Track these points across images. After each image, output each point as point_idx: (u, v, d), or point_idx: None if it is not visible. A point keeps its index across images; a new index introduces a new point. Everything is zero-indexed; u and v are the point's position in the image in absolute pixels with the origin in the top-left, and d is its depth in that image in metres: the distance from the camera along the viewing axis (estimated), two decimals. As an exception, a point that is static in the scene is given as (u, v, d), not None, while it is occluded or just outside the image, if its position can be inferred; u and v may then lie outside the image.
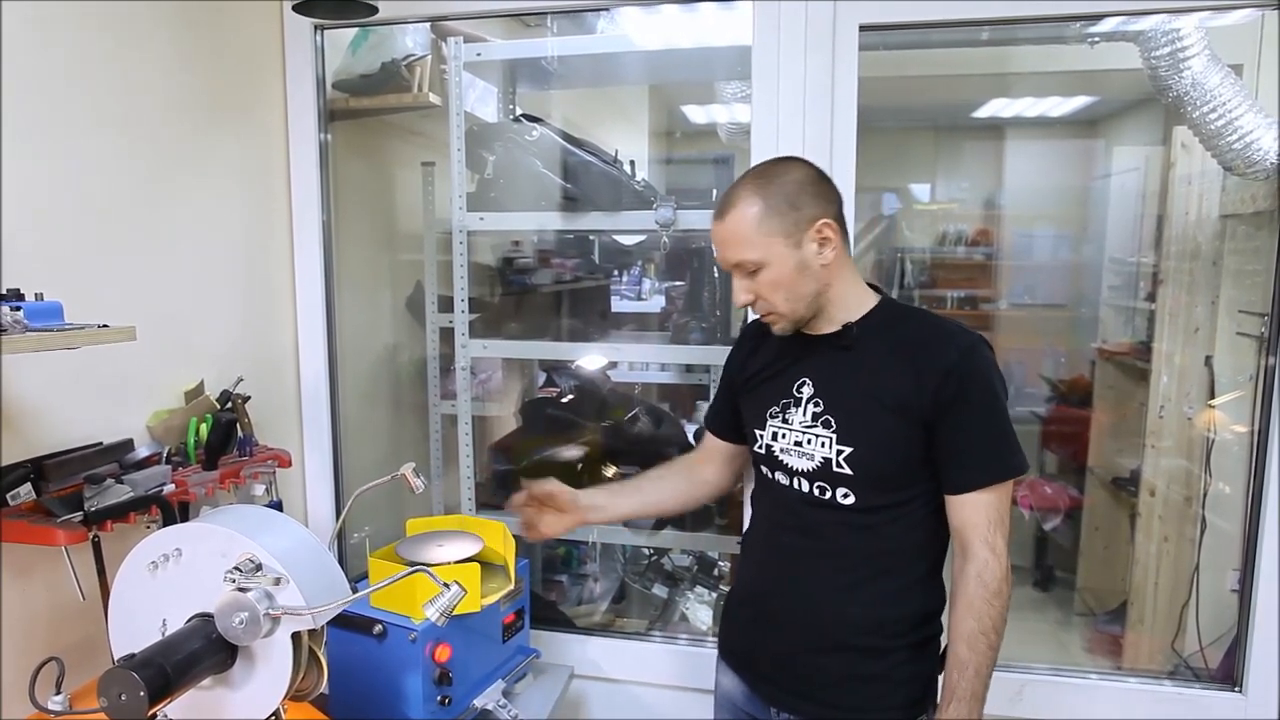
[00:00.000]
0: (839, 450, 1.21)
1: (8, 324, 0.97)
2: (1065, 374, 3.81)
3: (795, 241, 1.18)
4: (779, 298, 1.21)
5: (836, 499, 1.23)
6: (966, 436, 1.18)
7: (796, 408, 1.27)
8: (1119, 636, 2.63)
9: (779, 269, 1.19)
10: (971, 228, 4.72)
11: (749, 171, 1.24)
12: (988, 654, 1.17)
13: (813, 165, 1.25)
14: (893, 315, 1.26)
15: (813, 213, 1.19)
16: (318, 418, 1.91)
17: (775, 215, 1.18)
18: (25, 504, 1.18)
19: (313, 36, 1.82)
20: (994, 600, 1.16)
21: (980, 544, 1.17)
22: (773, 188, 1.19)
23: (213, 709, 1.01)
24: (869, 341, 1.23)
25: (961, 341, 1.19)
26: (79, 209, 1.33)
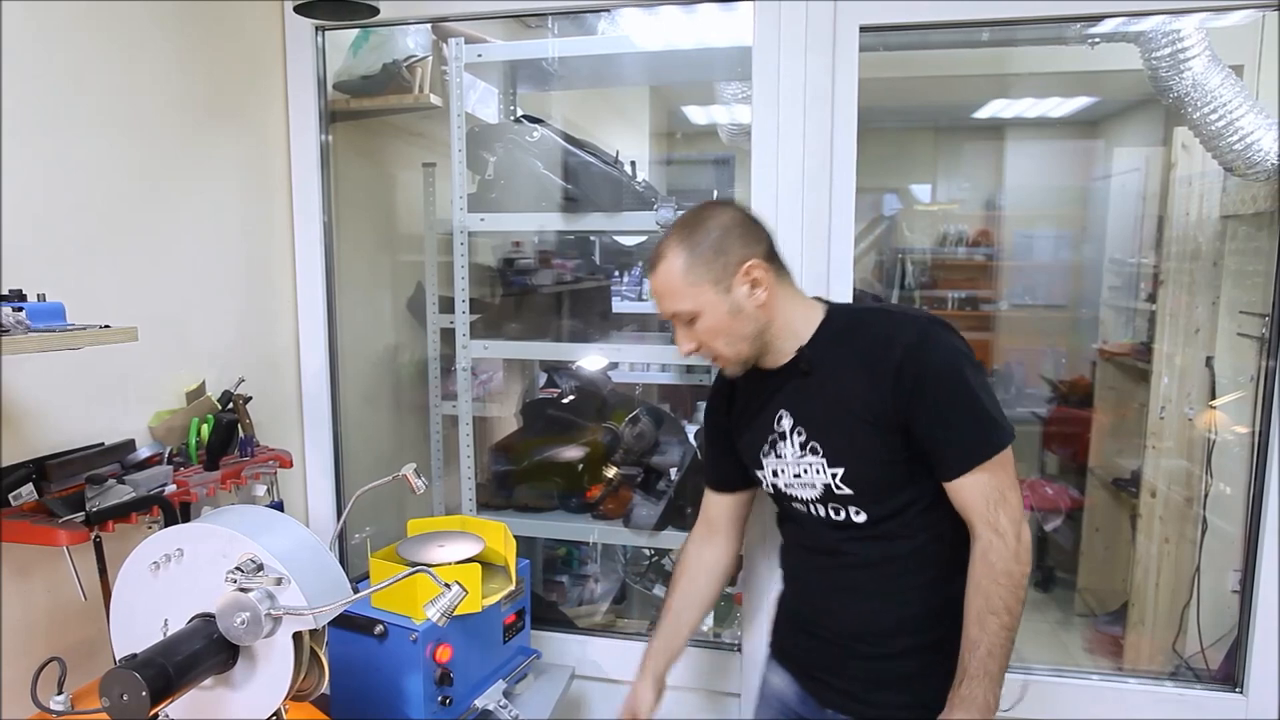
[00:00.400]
0: (833, 473, 1.22)
1: (10, 325, 0.97)
2: (1066, 375, 3.81)
3: (725, 287, 1.19)
4: (720, 343, 1.23)
5: (851, 518, 1.24)
6: (939, 424, 1.16)
7: (784, 441, 1.28)
8: (1119, 637, 2.63)
9: (713, 316, 1.20)
10: (972, 228, 4.73)
11: (676, 222, 1.26)
12: (1000, 634, 1.15)
13: (738, 207, 1.26)
14: (841, 326, 1.26)
15: (739, 256, 1.19)
16: (319, 418, 1.92)
17: (701, 264, 1.19)
18: (27, 504, 1.18)
19: (314, 37, 1.82)
20: (1001, 579, 1.14)
21: (982, 525, 1.17)
22: (697, 236, 1.20)
23: (214, 709, 1.01)
24: (825, 360, 1.23)
25: (906, 334, 1.18)
26: (81, 210, 1.33)
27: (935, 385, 1.16)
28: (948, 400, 1.16)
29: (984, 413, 1.16)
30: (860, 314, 1.30)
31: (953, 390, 1.16)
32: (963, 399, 1.16)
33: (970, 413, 1.16)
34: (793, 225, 1.63)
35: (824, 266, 1.64)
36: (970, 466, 1.16)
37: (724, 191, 2.05)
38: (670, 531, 1.98)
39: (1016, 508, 1.17)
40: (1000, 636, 1.15)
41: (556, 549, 2.36)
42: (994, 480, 1.16)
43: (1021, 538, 1.16)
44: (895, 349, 1.17)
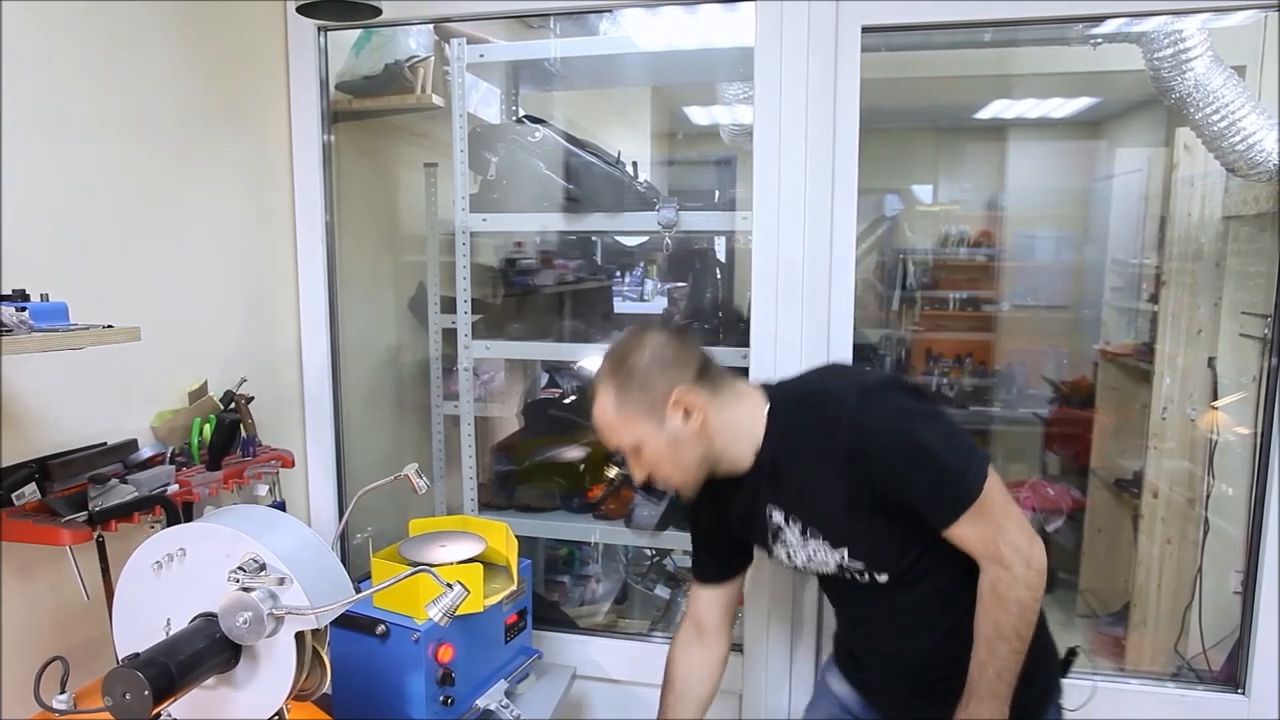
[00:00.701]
0: (839, 553, 1.23)
1: (13, 324, 0.97)
2: (1068, 375, 3.81)
3: (658, 419, 1.19)
4: (667, 470, 1.23)
5: (875, 579, 1.24)
6: (908, 489, 1.15)
7: (784, 531, 1.28)
8: (1121, 638, 2.63)
9: (653, 447, 1.21)
10: (974, 229, 4.73)
11: (605, 357, 1.26)
12: (1009, 657, 1.15)
13: (663, 334, 1.24)
14: (787, 415, 1.23)
15: (665, 387, 1.19)
16: (320, 418, 1.92)
17: (630, 400, 1.20)
18: (30, 504, 1.18)
19: (316, 38, 1.82)
20: (1011, 608, 1.13)
21: (986, 560, 1.15)
22: (623, 372, 1.21)
23: (216, 709, 1.01)
24: (786, 454, 1.22)
25: (846, 413, 1.15)
26: (84, 211, 1.33)
27: (888, 457, 1.14)
28: (905, 467, 1.14)
29: (945, 468, 1.14)
30: (800, 397, 1.25)
31: (907, 456, 1.14)
32: (920, 461, 1.14)
33: (932, 472, 1.14)
34: (795, 226, 1.63)
35: (826, 267, 1.64)
36: (951, 520, 1.14)
37: (725, 193, 2.04)
38: (672, 531, 1.98)
39: (1017, 532, 1.14)
40: (1010, 660, 1.15)
41: (558, 549, 2.36)
42: (983, 519, 1.14)
43: (1031, 563, 1.13)
44: (840, 432, 1.15)
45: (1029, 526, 1.16)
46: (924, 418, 1.17)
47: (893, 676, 1.33)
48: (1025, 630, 1.15)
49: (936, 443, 1.15)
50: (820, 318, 1.65)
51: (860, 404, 1.15)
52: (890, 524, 1.18)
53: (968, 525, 1.14)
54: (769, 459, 1.23)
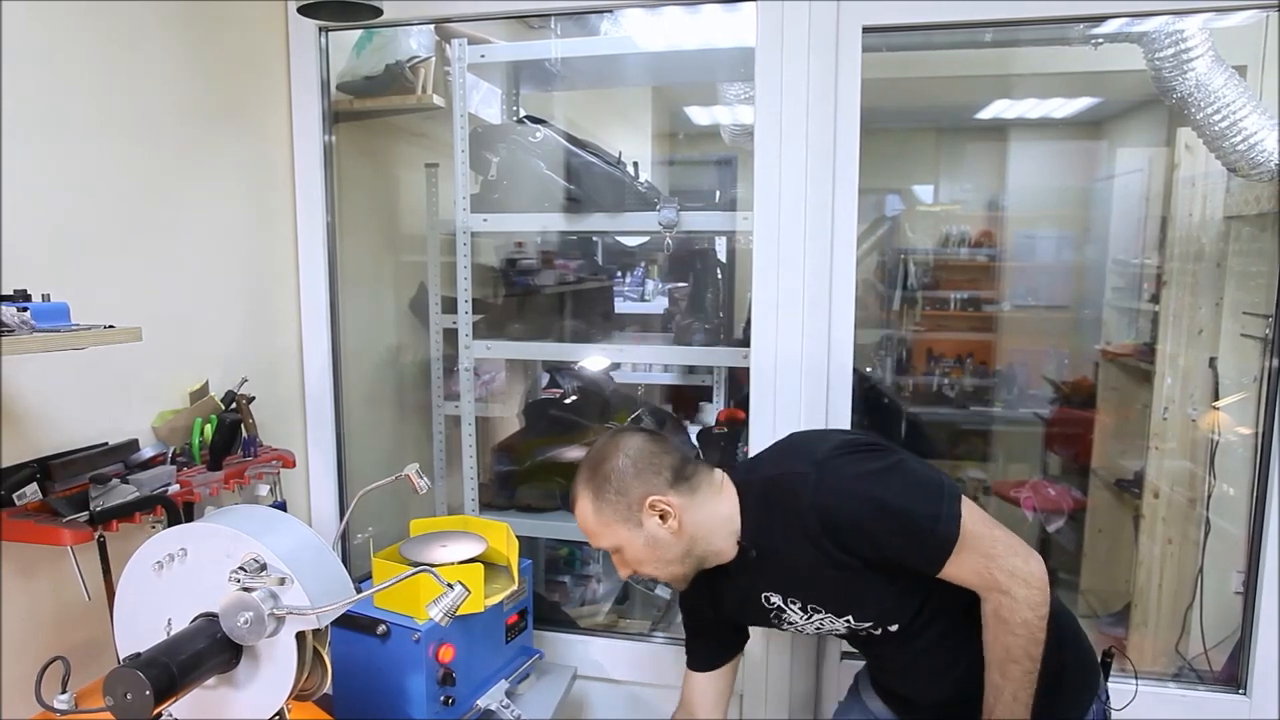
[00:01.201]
0: (845, 620, 1.26)
1: (15, 324, 0.98)
2: (1068, 375, 3.80)
3: (636, 522, 1.22)
4: (650, 568, 1.26)
5: (888, 630, 1.26)
6: (889, 549, 1.16)
7: (786, 610, 1.29)
8: (1122, 638, 2.63)
9: (632, 549, 1.24)
10: (975, 229, 4.72)
11: (581, 464, 1.28)
12: (1022, 678, 1.15)
13: (639, 436, 1.27)
14: (757, 508, 1.23)
15: (640, 493, 1.21)
16: (321, 418, 1.92)
17: (608, 506, 1.23)
18: (31, 504, 1.18)
19: (317, 38, 1.82)
20: (1017, 630, 1.14)
21: (985, 590, 1.16)
22: (598, 479, 1.23)
23: (217, 708, 1.01)
24: (766, 539, 1.23)
25: (803, 492, 1.16)
26: (85, 211, 1.33)
27: (859, 523, 1.15)
28: (878, 529, 1.15)
29: (917, 518, 1.15)
30: (763, 482, 1.25)
31: (876, 518, 1.15)
32: (890, 519, 1.15)
33: (906, 526, 1.15)
34: (795, 226, 1.63)
35: (827, 267, 1.64)
36: (940, 566, 1.15)
37: (726, 193, 2.04)
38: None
39: (1008, 555, 1.14)
40: (1024, 681, 1.15)
41: (559, 549, 2.36)
42: (970, 553, 1.15)
43: (1030, 581, 1.14)
44: (806, 512, 1.16)
45: (1020, 545, 1.16)
46: (883, 475, 1.18)
47: (931, 708, 1.34)
48: (1035, 649, 1.15)
49: (902, 497, 1.16)
50: (821, 318, 1.65)
51: (818, 480, 1.17)
52: (887, 582, 1.20)
53: (957, 565, 1.15)
54: (751, 546, 1.24)
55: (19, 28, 1.21)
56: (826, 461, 1.19)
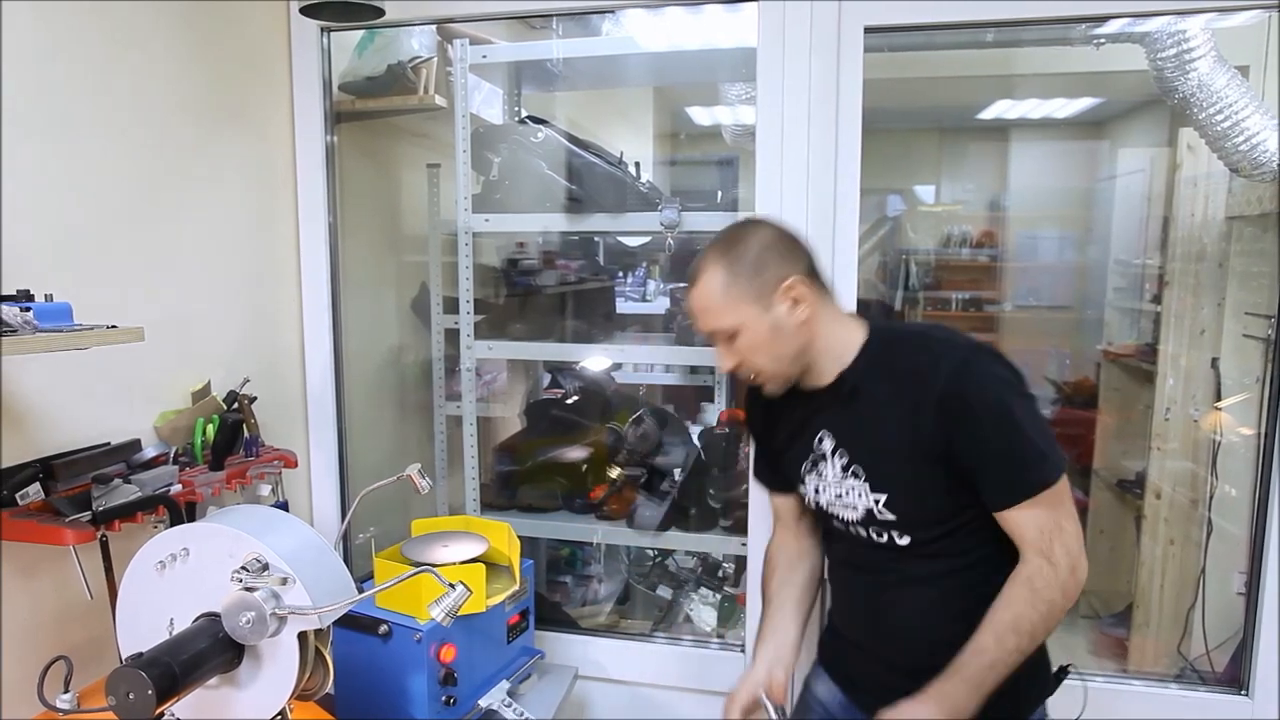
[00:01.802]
0: (876, 499, 1.20)
1: (18, 324, 0.98)
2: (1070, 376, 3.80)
3: (765, 305, 1.17)
4: (761, 360, 1.20)
5: (894, 541, 1.21)
6: (983, 458, 1.12)
7: (825, 462, 1.25)
8: (1124, 639, 2.62)
9: (754, 332, 1.18)
10: (976, 229, 4.72)
11: (715, 238, 1.24)
12: (1011, 654, 1.12)
13: (778, 225, 1.23)
14: (883, 350, 1.22)
15: (778, 274, 1.17)
16: (323, 418, 1.92)
17: (741, 280, 1.17)
18: (34, 503, 1.19)
19: (319, 39, 1.82)
20: (1037, 604, 1.11)
21: (1034, 552, 1.12)
22: (736, 253, 1.18)
23: (219, 708, 1.01)
24: (867, 385, 1.20)
25: (948, 362, 1.14)
26: (88, 211, 1.34)
27: (978, 419, 1.12)
28: (992, 434, 1.12)
29: (1030, 446, 1.12)
30: (902, 339, 1.24)
31: (997, 424, 1.12)
32: (1007, 433, 1.12)
33: (1016, 447, 1.12)
34: (797, 226, 1.63)
35: (828, 268, 1.63)
36: (1016, 501, 1.12)
37: (728, 193, 2.04)
38: (674, 532, 1.98)
39: (1074, 539, 1.12)
40: (1010, 658, 1.12)
41: (560, 549, 2.36)
42: (1048, 513, 1.12)
43: (1076, 571, 1.11)
44: (938, 380, 1.13)
45: (1082, 538, 1.14)
46: (1021, 395, 1.14)
47: (883, 661, 1.28)
48: (1041, 633, 1.13)
49: (1029, 422, 1.12)
50: (822, 318, 1.64)
51: (964, 363, 1.13)
52: (941, 484, 1.15)
53: (1029, 511, 1.12)
54: (849, 382, 1.20)
55: (22, 27, 1.21)
56: (984, 350, 1.16)
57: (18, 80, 1.21)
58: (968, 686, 1.13)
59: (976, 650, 1.13)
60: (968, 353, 1.15)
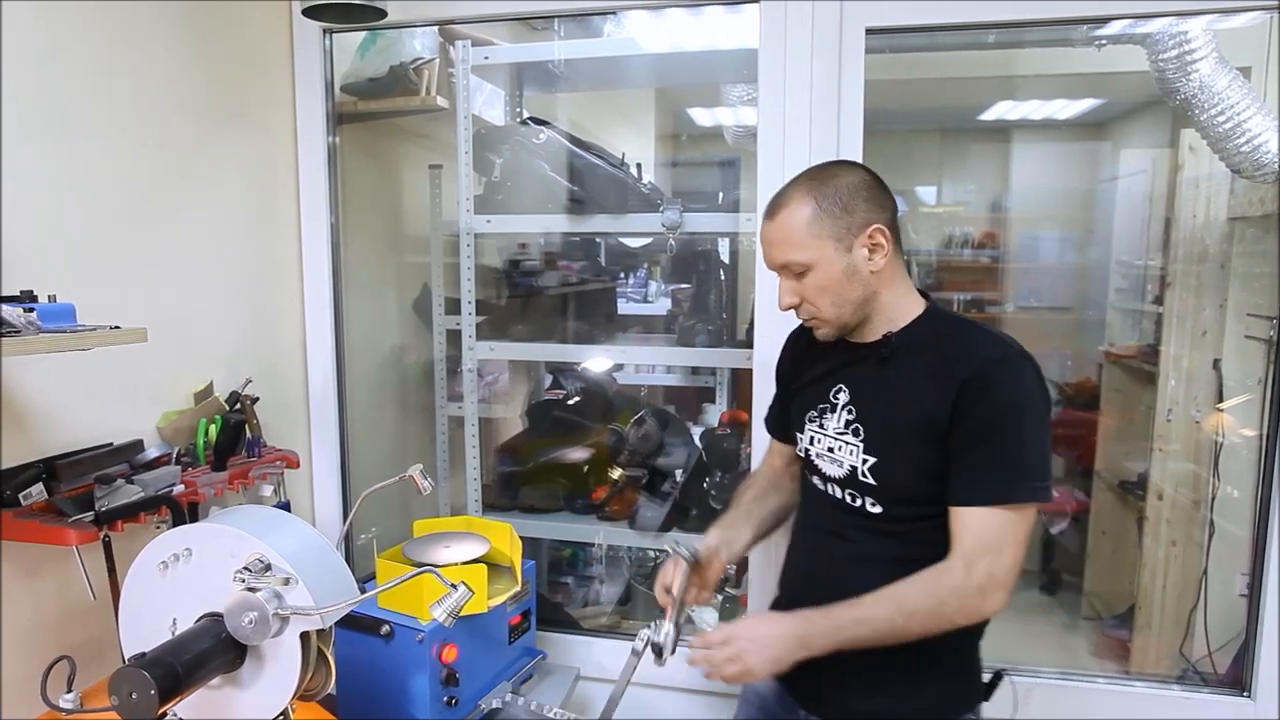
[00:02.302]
0: (864, 460, 1.20)
1: (21, 325, 0.98)
2: (1072, 377, 3.80)
3: (846, 245, 1.16)
4: (825, 302, 1.19)
5: (865, 507, 1.22)
6: (971, 446, 1.12)
7: (832, 414, 1.26)
8: (1126, 640, 2.62)
9: (827, 272, 1.16)
10: (977, 230, 4.72)
11: (804, 172, 1.22)
12: (882, 624, 1.10)
13: (869, 170, 1.22)
14: (935, 326, 1.22)
15: (865, 217, 1.16)
16: (325, 419, 1.92)
17: (827, 217, 1.15)
18: (37, 503, 1.19)
19: (321, 40, 1.83)
20: (930, 597, 1.10)
21: (959, 556, 1.11)
22: (827, 189, 1.16)
23: (222, 708, 1.02)
24: (907, 353, 1.20)
25: (990, 352, 1.14)
26: (91, 212, 1.34)
27: (988, 409, 1.11)
28: (991, 429, 1.11)
29: (1020, 457, 1.11)
30: (959, 322, 1.24)
31: (1002, 422, 1.11)
32: (1006, 435, 1.11)
33: (1006, 452, 1.11)
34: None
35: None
36: (975, 502, 1.11)
37: (729, 194, 2.05)
38: (675, 533, 1.98)
39: (1006, 569, 1.10)
40: (881, 626, 1.11)
41: (561, 550, 2.36)
42: (996, 529, 1.10)
43: (986, 595, 1.09)
44: (972, 364, 1.13)
45: (1014, 579, 1.12)
46: (1040, 414, 1.14)
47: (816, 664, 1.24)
48: (917, 627, 1.11)
49: (1033, 440, 1.12)
50: (824, 319, 1.64)
51: (1006, 358, 1.14)
52: (930, 466, 1.15)
53: (980, 517, 1.11)
54: (893, 343, 1.20)
55: (23, 28, 1.21)
56: (1025, 358, 1.15)
57: (19, 81, 1.21)
58: (828, 626, 1.13)
59: (855, 603, 1.13)
60: (1013, 353, 1.15)
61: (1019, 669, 1.71)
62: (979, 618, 1.13)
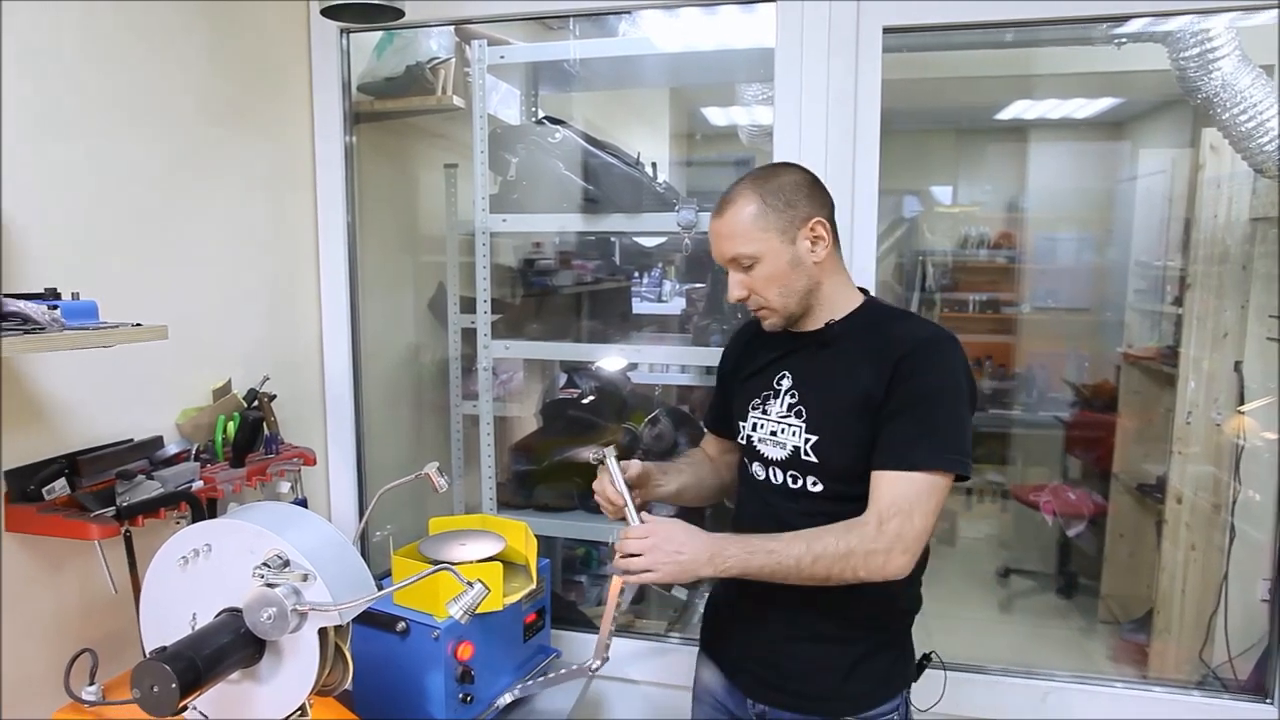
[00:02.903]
0: (807, 439, 1.25)
1: (46, 322, 0.99)
2: (1089, 378, 3.77)
3: (790, 238, 1.23)
4: (772, 292, 1.25)
5: (807, 488, 1.27)
6: (897, 417, 1.18)
7: (775, 399, 1.31)
8: (1144, 645, 2.60)
9: (773, 264, 1.24)
10: (994, 230, 4.69)
11: (747, 174, 1.29)
12: (790, 561, 1.14)
13: (807, 170, 1.29)
14: (874, 315, 1.30)
15: (807, 211, 1.24)
16: (341, 416, 1.93)
17: (772, 212, 1.23)
18: (60, 498, 1.20)
19: (339, 40, 1.84)
20: (840, 544, 1.13)
21: (873, 513, 1.15)
22: (770, 186, 1.24)
23: (241, 703, 1.02)
24: (847, 339, 1.27)
25: (922, 334, 1.22)
26: (112, 210, 1.35)
27: (916, 382, 1.18)
28: (917, 401, 1.17)
29: (941, 429, 1.17)
30: (895, 312, 1.33)
31: (928, 396, 1.18)
32: (930, 407, 1.17)
33: (927, 422, 1.17)
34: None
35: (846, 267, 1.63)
36: (894, 465, 1.16)
37: (745, 193, 2.03)
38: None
39: (914, 533, 1.14)
40: (787, 562, 1.14)
41: (576, 548, 2.36)
42: (910, 492, 1.15)
43: (892, 554, 1.13)
44: (906, 345, 1.20)
45: (922, 545, 1.16)
46: (962, 395, 1.20)
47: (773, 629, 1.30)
48: (821, 571, 1.14)
49: (954, 415, 1.18)
50: (840, 319, 1.64)
51: (938, 340, 1.21)
52: (869, 439, 1.20)
53: (896, 481, 1.16)
54: (834, 331, 1.27)
55: (49, 31, 1.23)
56: (956, 345, 1.22)
57: (43, 83, 1.22)
58: (740, 550, 1.16)
59: (771, 536, 1.17)
60: (944, 336, 1.23)
61: (1035, 672, 1.70)
62: (881, 576, 1.15)
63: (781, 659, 1.30)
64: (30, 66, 1.20)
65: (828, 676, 1.27)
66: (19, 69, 1.18)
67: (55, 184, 1.25)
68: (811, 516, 1.24)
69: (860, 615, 1.25)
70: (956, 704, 1.54)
